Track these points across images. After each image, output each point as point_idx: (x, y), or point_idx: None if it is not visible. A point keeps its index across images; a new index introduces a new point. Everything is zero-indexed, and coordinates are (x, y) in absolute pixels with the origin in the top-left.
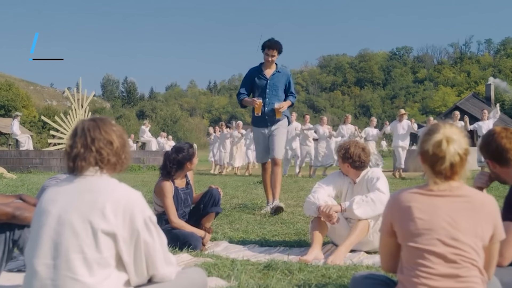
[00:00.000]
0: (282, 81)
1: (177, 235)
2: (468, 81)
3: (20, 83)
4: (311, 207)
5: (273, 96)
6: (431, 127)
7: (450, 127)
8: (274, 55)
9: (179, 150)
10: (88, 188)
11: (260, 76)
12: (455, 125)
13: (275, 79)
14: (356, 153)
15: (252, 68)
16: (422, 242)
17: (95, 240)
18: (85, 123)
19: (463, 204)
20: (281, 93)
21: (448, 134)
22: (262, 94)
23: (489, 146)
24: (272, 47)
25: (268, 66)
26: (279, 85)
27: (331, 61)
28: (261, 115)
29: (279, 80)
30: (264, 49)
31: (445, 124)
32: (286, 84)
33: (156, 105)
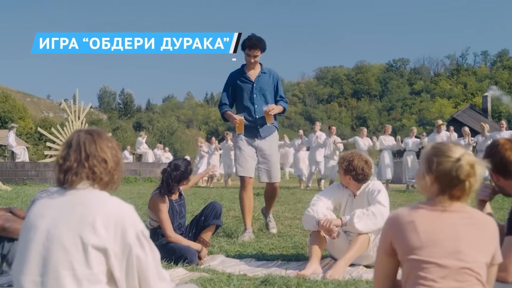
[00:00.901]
0: (270, 83)
1: (173, 249)
2: (464, 92)
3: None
4: (311, 221)
5: (261, 101)
6: (444, 148)
7: (463, 149)
8: (257, 55)
9: (179, 167)
10: (78, 201)
11: (244, 80)
12: (465, 147)
13: (261, 82)
14: (360, 165)
15: (234, 72)
16: (425, 254)
17: (85, 255)
18: (81, 135)
19: (466, 220)
20: (270, 98)
21: (469, 158)
22: (249, 100)
23: (493, 158)
24: (254, 46)
25: (251, 67)
26: (267, 88)
27: (328, 73)
28: (250, 125)
29: (266, 82)
30: (245, 49)
31: (456, 145)
32: (274, 86)
33: (153, 117)
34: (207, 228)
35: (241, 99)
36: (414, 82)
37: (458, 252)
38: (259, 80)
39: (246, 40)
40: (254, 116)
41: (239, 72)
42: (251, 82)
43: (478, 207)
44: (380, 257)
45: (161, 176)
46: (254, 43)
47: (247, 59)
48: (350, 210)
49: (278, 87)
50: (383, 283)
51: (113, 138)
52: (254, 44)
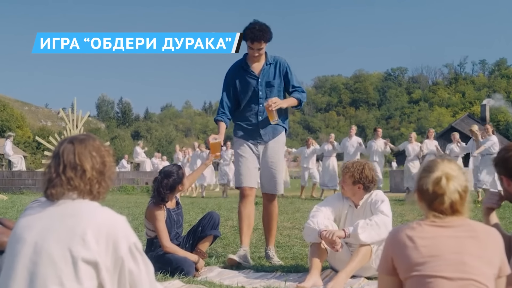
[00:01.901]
0: (277, 74)
1: (169, 260)
2: (463, 101)
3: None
4: (312, 233)
5: (267, 100)
6: (429, 164)
7: (448, 163)
8: (261, 48)
9: (169, 174)
10: (68, 212)
11: (247, 74)
12: (453, 161)
13: (268, 75)
14: (370, 174)
15: (234, 65)
16: (428, 270)
17: (74, 270)
18: (63, 145)
19: (468, 233)
20: (279, 92)
21: (447, 170)
22: (253, 99)
23: (507, 163)
24: (257, 38)
25: (255, 60)
26: (274, 82)
27: (326, 82)
28: (252, 128)
29: (273, 74)
30: (247, 41)
31: (443, 160)
32: (283, 77)
33: (151, 126)
34: (205, 239)
35: (244, 98)
36: (412, 91)
37: (463, 263)
38: (265, 73)
39: (247, 30)
40: (258, 118)
41: (240, 64)
42: (256, 77)
43: (485, 215)
44: (382, 277)
45: (153, 185)
46: (257, 35)
47: (249, 52)
48: (351, 221)
49: (289, 76)
50: None
51: (101, 145)
52: (257, 36)
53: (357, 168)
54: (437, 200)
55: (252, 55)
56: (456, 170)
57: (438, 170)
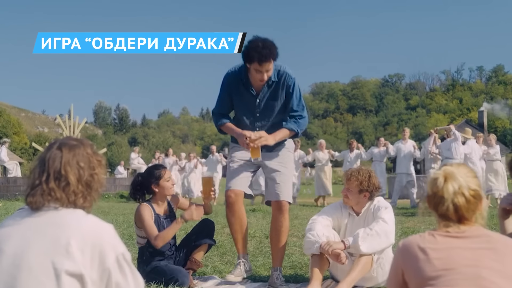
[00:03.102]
0: (281, 93)
1: (163, 270)
2: (460, 108)
3: (11, 110)
4: (313, 246)
5: (266, 119)
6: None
7: (457, 166)
8: (270, 68)
9: (145, 172)
10: (50, 222)
11: (246, 91)
12: (465, 165)
13: (269, 95)
14: (377, 182)
15: (233, 74)
16: (442, 284)
17: (57, 283)
18: (51, 150)
19: (484, 244)
20: (279, 113)
21: (448, 171)
22: (250, 117)
23: None
24: (266, 58)
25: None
26: (276, 102)
27: (323, 88)
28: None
29: (276, 94)
30: (251, 62)
31: (456, 163)
32: (285, 94)
33: (148, 132)
34: (199, 248)
35: (240, 112)
36: (409, 97)
37: (479, 277)
38: (265, 93)
39: (249, 50)
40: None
41: (240, 77)
42: (255, 96)
43: (500, 217)
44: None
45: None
46: (265, 54)
47: (254, 76)
48: (352, 231)
49: (291, 95)
50: None
51: (93, 155)
52: (264, 55)
53: (365, 176)
54: (440, 203)
55: (260, 79)
56: (462, 172)
57: (440, 171)
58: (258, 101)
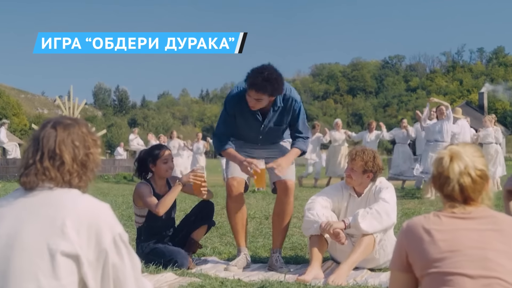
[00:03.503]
0: (286, 117)
1: (162, 252)
2: (460, 89)
3: (11, 91)
4: (312, 226)
5: (268, 141)
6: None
7: (464, 145)
8: (260, 99)
9: (147, 149)
10: (45, 202)
11: (250, 115)
12: (472, 145)
13: (275, 119)
14: (380, 163)
15: (238, 95)
16: (447, 266)
17: (52, 264)
18: (45, 129)
19: (490, 225)
20: (282, 130)
21: (454, 150)
22: (253, 140)
23: None
24: (258, 88)
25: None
26: (280, 127)
27: (323, 70)
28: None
29: (281, 118)
30: (247, 87)
31: (462, 143)
32: (290, 116)
33: (148, 114)
34: (199, 229)
35: (242, 131)
36: (409, 79)
37: (486, 260)
38: (271, 118)
39: (252, 73)
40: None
41: (245, 101)
42: (260, 121)
43: (505, 199)
44: (395, 274)
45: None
46: (258, 84)
47: (247, 99)
48: (353, 211)
49: (297, 118)
50: None
51: (88, 134)
52: (257, 85)
53: (369, 156)
54: (445, 184)
55: (249, 104)
56: (468, 151)
57: (446, 150)
58: (263, 126)
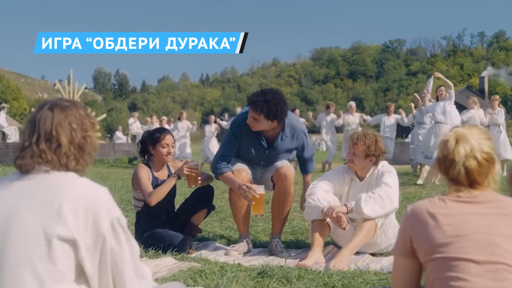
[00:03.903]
0: (290, 145)
1: (161, 236)
2: (461, 73)
3: (10, 75)
4: (314, 211)
5: (270, 164)
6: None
7: (469, 127)
8: (257, 119)
9: (149, 132)
10: (41, 185)
11: (257, 139)
12: (478, 127)
13: (281, 146)
14: (383, 146)
15: (244, 120)
16: (452, 251)
17: (48, 249)
18: (42, 111)
19: (497, 209)
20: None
21: (460, 133)
22: (252, 159)
23: None
24: (255, 107)
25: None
26: (284, 154)
27: (323, 54)
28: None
29: (287, 145)
30: (248, 103)
31: (468, 125)
32: (296, 146)
33: (148, 98)
34: (198, 213)
35: (244, 153)
36: (410, 63)
37: (492, 245)
38: (277, 144)
39: (255, 93)
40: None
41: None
42: (265, 148)
43: (510, 183)
44: (399, 259)
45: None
46: (257, 103)
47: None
48: (355, 196)
49: (304, 148)
50: None
51: (86, 116)
52: (256, 104)
53: (372, 140)
54: (450, 167)
55: (248, 122)
56: (475, 134)
57: (451, 132)
58: (268, 152)
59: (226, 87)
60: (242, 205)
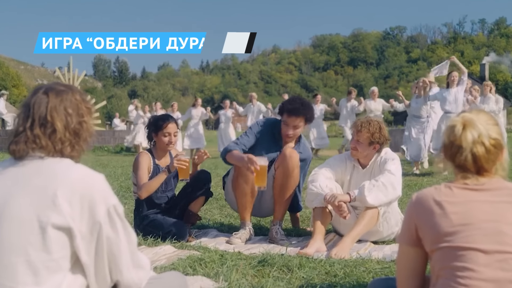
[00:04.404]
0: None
1: (161, 224)
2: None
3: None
4: (316, 198)
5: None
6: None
7: (477, 112)
8: (298, 125)
9: (154, 117)
10: (35, 172)
11: (274, 143)
12: (485, 112)
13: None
14: (386, 133)
15: (270, 124)
16: (459, 240)
17: (42, 237)
18: (36, 95)
19: (505, 197)
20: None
21: (467, 118)
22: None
23: None
24: (296, 113)
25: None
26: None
27: (324, 41)
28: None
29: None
30: (282, 114)
31: (475, 110)
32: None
33: (148, 85)
34: (196, 200)
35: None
36: (411, 50)
37: (500, 233)
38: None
39: (286, 102)
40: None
41: (273, 130)
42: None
43: None
44: (404, 249)
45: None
46: (297, 108)
47: (283, 129)
48: (357, 183)
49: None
50: (410, 282)
51: (83, 102)
52: (296, 109)
53: (376, 127)
54: (457, 153)
55: (285, 133)
56: (482, 119)
57: (458, 117)
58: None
59: (226, 74)
60: (248, 191)
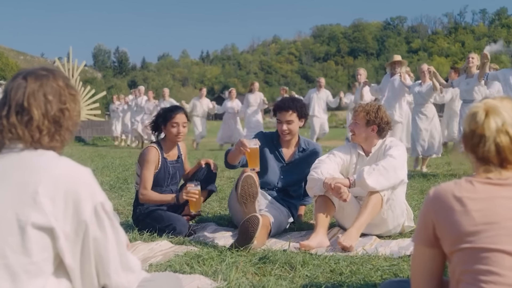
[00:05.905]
0: (308, 160)
1: (160, 216)
2: (462, 51)
3: (9, 53)
4: (316, 184)
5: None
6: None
7: (501, 99)
8: (290, 120)
9: (163, 109)
10: (14, 165)
11: (274, 154)
12: (510, 99)
13: (297, 163)
14: (385, 116)
15: (268, 134)
16: (482, 241)
17: (22, 238)
18: (15, 80)
19: None
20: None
21: (490, 104)
22: (273, 177)
23: None
24: (286, 107)
25: (286, 143)
26: (302, 167)
27: (324, 31)
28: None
29: (303, 163)
30: (275, 115)
31: (499, 96)
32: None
33: (148, 75)
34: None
35: (261, 176)
36: (411, 41)
37: None
38: (294, 160)
39: (277, 102)
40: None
41: (272, 140)
42: (283, 162)
43: None
44: (419, 249)
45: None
46: (286, 103)
47: (278, 128)
48: None
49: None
50: (426, 286)
51: (66, 88)
52: (285, 104)
53: (373, 107)
54: (479, 143)
55: (280, 131)
56: (507, 106)
57: (481, 103)
58: (285, 166)
59: (226, 65)
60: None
